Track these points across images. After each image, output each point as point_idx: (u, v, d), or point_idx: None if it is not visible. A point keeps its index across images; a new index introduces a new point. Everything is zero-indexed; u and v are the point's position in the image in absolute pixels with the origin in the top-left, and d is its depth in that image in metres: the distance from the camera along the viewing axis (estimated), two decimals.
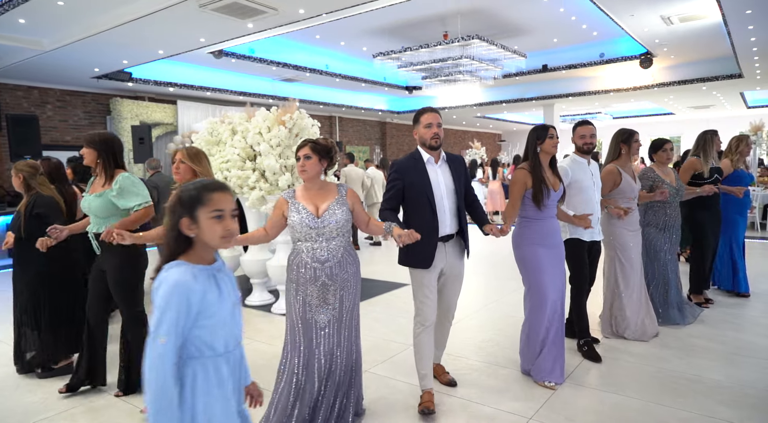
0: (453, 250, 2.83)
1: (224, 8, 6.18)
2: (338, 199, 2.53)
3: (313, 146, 2.54)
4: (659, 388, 2.97)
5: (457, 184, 2.80)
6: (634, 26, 8.77)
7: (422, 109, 2.83)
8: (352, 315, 2.57)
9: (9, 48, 7.65)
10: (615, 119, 20.37)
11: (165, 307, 1.33)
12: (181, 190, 1.47)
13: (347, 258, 2.54)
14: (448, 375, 3.13)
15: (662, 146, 4.13)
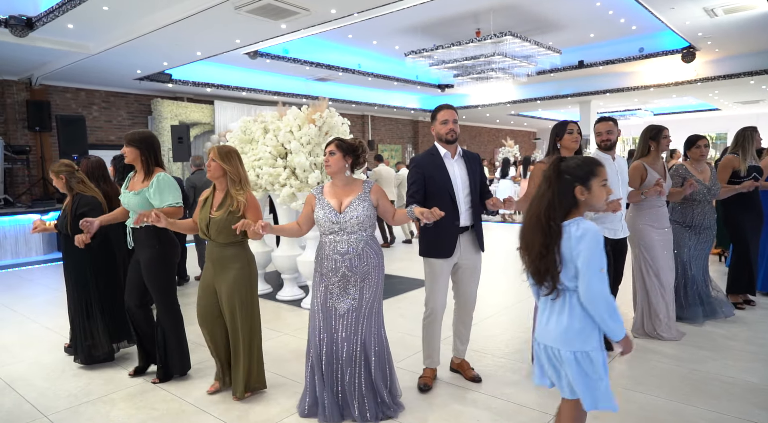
0: (467, 243, 2.93)
1: (258, 10, 6.34)
2: (361, 195, 2.65)
3: (339, 143, 2.69)
4: (690, 389, 2.89)
5: (472, 179, 2.92)
6: (675, 19, 8.47)
7: (439, 106, 2.94)
8: (372, 306, 2.64)
9: (59, 52, 8.09)
10: (656, 116, 19.69)
11: (597, 247, 1.72)
12: (568, 164, 1.81)
13: (368, 251, 2.64)
14: (472, 371, 3.14)
15: (696, 142, 4.03)
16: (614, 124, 3.44)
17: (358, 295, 2.62)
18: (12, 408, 2.89)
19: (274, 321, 4.51)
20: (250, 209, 2.80)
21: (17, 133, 9.74)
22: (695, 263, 4.02)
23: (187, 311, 4.30)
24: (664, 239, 3.73)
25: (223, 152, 2.84)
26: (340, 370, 2.61)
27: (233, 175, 2.83)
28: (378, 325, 2.68)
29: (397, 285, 5.68)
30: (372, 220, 2.67)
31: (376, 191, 2.70)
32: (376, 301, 2.67)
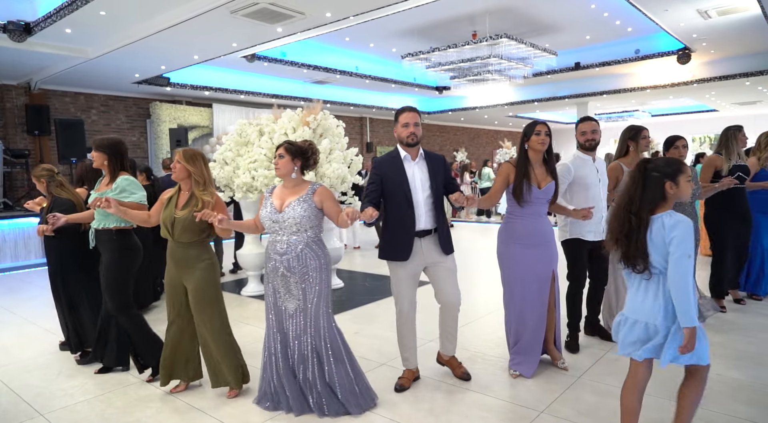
0: (431, 246, 2.92)
1: (254, 14, 6.40)
2: (303, 197, 2.68)
3: (287, 146, 2.74)
4: (676, 387, 2.92)
5: (434, 181, 2.89)
6: (669, 21, 8.53)
7: (401, 108, 2.93)
8: (318, 306, 2.68)
9: (58, 57, 8.15)
10: (654, 117, 19.74)
11: (688, 235, 1.93)
12: (656, 164, 2.03)
13: (307, 253, 2.67)
14: (461, 368, 3.17)
15: (674, 143, 3.95)
16: (598, 124, 3.42)
17: (301, 296, 2.68)
18: (8, 407, 2.93)
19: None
20: (218, 209, 2.86)
21: (17, 137, 9.80)
22: None
23: None
24: None
25: (188, 155, 2.92)
26: (295, 366, 2.72)
27: (197, 176, 2.90)
28: (327, 325, 2.71)
29: None
30: (314, 222, 2.70)
31: (321, 193, 2.72)
32: (322, 302, 2.70)
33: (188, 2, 6.20)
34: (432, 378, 3.17)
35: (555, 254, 3.12)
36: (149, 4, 6.26)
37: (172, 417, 2.77)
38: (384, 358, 3.52)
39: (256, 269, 5.59)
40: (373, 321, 4.46)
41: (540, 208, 3.03)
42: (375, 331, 4.17)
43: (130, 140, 11.81)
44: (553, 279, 3.12)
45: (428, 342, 3.82)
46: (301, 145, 2.79)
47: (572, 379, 3.07)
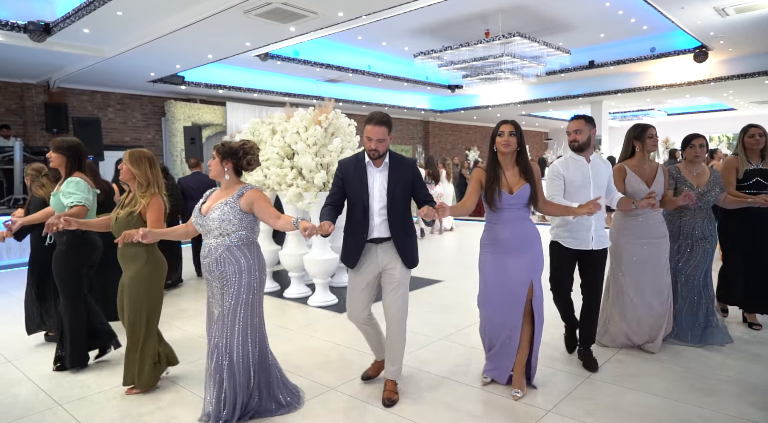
0: (386, 255, 2.78)
1: (267, 13, 6.47)
2: (228, 200, 2.60)
3: (218, 147, 2.67)
4: (686, 388, 2.92)
5: (395, 189, 2.74)
6: (685, 19, 8.43)
7: (369, 117, 2.73)
8: (236, 313, 2.59)
9: (76, 56, 8.31)
10: (670, 116, 19.47)
11: None
12: None
13: (228, 257, 2.58)
14: (389, 393, 2.84)
15: (690, 142, 3.59)
16: (586, 122, 3.14)
17: (221, 301, 2.62)
18: (29, 397, 3.02)
19: (280, 318, 4.61)
20: (150, 212, 2.91)
21: (36, 135, 10.01)
22: (688, 280, 3.58)
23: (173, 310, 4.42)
24: (644, 253, 3.35)
25: (134, 157, 2.97)
26: (215, 376, 2.61)
27: (140, 178, 2.97)
28: (243, 334, 2.61)
29: None
30: (238, 226, 2.59)
31: (249, 196, 2.60)
32: (240, 309, 2.60)
33: (203, 2, 6.29)
34: (437, 375, 3.19)
35: (535, 263, 2.84)
36: (165, 5, 6.36)
37: (186, 408, 2.83)
38: None
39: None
40: (381, 319, 4.48)
41: (516, 213, 2.81)
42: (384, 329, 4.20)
43: (145, 138, 11.99)
44: (531, 291, 2.83)
45: (438, 340, 3.85)
46: (232, 146, 2.67)
47: (580, 379, 3.07)
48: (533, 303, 2.84)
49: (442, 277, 5.96)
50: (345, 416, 2.71)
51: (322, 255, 4.93)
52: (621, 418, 2.60)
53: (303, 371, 3.32)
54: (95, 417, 2.76)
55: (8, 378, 3.33)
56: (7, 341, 4.08)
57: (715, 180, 3.59)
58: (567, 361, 3.36)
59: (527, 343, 2.88)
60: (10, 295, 5.78)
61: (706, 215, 3.60)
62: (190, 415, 2.74)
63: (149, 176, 2.97)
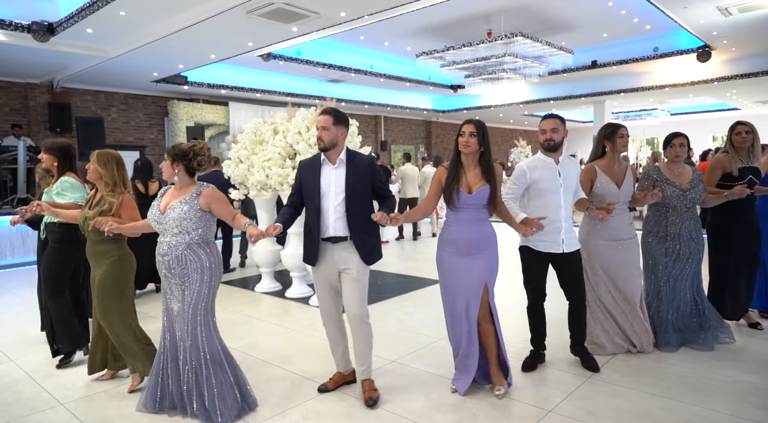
0: (344, 253, 2.77)
1: (270, 14, 6.48)
2: (186, 198, 2.66)
3: (169, 150, 2.75)
4: (688, 388, 2.91)
5: (352, 187, 2.73)
6: (688, 19, 8.40)
7: (321, 110, 2.82)
8: (196, 308, 2.65)
9: (79, 56, 8.34)
10: (673, 115, 19.43)
11: None
12: None
13: (188, 255, 2.65)
14: (370, 393, 2.83)
15: (671, 141, 3.49)
16: (561, 122, 3.06)
17: (181, 297, 2.67)
18: (31, 397, 3.04)
19: (282, 317, 4.61)
20: (124, 210, 3.00)
21: (39, 134, 10.05)
22: (677, 283, 3.48)
23: None
24: (616, 255, 3.30)
25: (102, 158, 3.06)
26: (183, 369, 2.68)
27: (107, 178, 3.05)
28: (205, 329, 2.67)
29: (408, 284, 5.75)
30: (198, 224, 2.66)
31: (208, 195, 2.67)
32: (201, 304, 2.66)
33: (205, 2, 6.30)
34: (438, 375, 3.19)
35: (490, 265, 2.81)
36: (167, 5, 6.37)
37: None
38: (394, 356, 3.56)
39: (269, 266, 5.67)
40: (382, 319, 4.50)
41: (474, 213, 2.78)
42: (384, 328, 4.21)
43: (148, 138, 12.03)
44: (486, 293, 2.80)
45: (439, 340, 3.85)
46: (182, 148, 2.73)
47: (582, 380, 3.07)
48: (490, 303, 2.84)
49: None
50: (347, 417, 2.72)
51: None
52: (622, 418, 2.60)
53: (305, 372, 3.32)
54: (96, 416, 2.77)
55: (11, 376, 3.35)
56: (10, 340, 4.10)
57: (698, 178, 3.50)
58: (568, 361, 3.36)
59: (494, 342, 2.87)
60: (14, 294, 5.81)
61: (692, 215, 3.50)
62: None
63: (116, 176, 3.07)
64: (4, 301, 5.45)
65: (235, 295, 5.56)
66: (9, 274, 7.03)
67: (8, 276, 6.87)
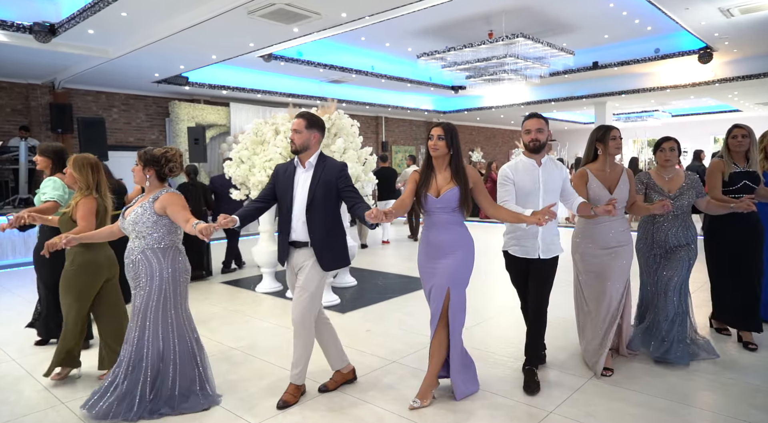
0: (301, 258, 2.79)
1: (271, 14, 6.48)
2: (144, 203, 2.74)
3: (141, 154, 2.81)
4: (690, 390, 2.91)
5: (316, 189, 2.73)
6: (690, 20, 8.39)
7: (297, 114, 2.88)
8: (146, 313, 2.70)
9: (80, 57, 8.35)
10: (674, 117, 19.40)
11: None
12: None
13: (142, 259, 2.70)
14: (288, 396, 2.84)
15: (660, 145, 3.37)
16: (545, 122, 2.96)
17: (134, 300, 2.75)
18: (32, 395, 3.04)
19: (282, 318, 4.61)
20: (79, 214, 3.09)
21: (41, 135, 10.06)
22: (664, 291, 3.29)
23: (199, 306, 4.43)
24: (607, 262, 3.14)
25: (77, 163, 3.17)
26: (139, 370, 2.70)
27: (81, 182, 3.19)
28: (153, 332, 2.70)
29: (409, 284, 5.76)
30: (152, 229, 2.71)
31: (164, 200, 2.70)
32: (150, 311, 2.70)
33: (207, 3, 6.30)
34: None
35: (457, 270, 2.73)
36: (169, 6, 6.37)
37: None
38: (395, 356, 3.56)
39: (270, 266, 5.67)
40: (383, 319, 4.50)
41: (445, 217, 2.73)
42: (385, 329, 4.21)
43: (149, 138, 12.03)
44: (448, 297, 2.73)
45: None
46: (154, 154, 2.79)
47: (583, 381, 3.06)
48: (449, 310, 2.73)
49: None
50: (347, 416, 2.71)
51: None
52: (623, 419, 2.59)
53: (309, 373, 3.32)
54: None
55: (13, 376, 3.35)
56: (11, 340, 4.11)
57: (690, 184, 3.34)
58: (569, 363, 3.35)
59: (436, 351, 2.77)
60: (14, 293, 5.81)
61: (681, 222, 3.34)
62: (198, 414, 2.75)
63: (89, 181, 3.18)
64: (5, 301, 5.45)
65: (237, 295, 5.56)
66: (10, 274, 7.04)
67: (9, 276, 6.88)
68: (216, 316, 4.71)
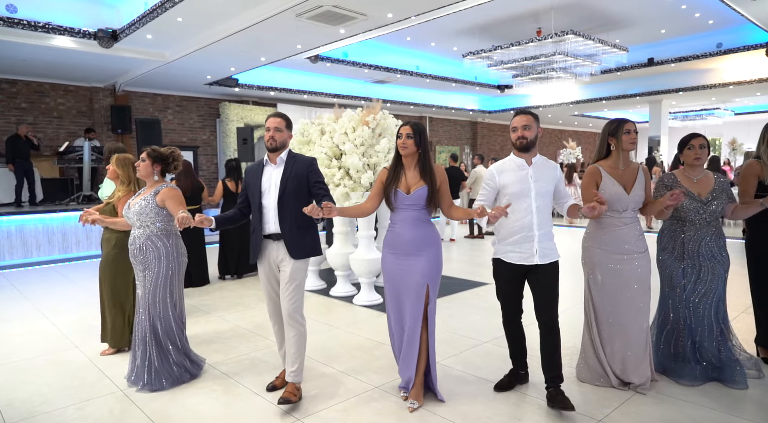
0: (276, 250, 2.86)
1: (318, 16, 6.59)
2: (147, 196, 3.09)
3: (149, 152, 3.16)
4: (757, 406, 2.73)
5: (287, 183, 2.80)
6: (757, 12, 7.88)
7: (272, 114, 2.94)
8: (155, 291, 3.09)
9: (139, 61, 8.79)
10: (737, 115, 18.28)
11: None
12: None
13: (148, 245, 3.09)
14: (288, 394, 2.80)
15: (688, 142, 3.03)
16: (534, 119, 2.82)
17: (143, 282, 3.11)
18: (94, 381, 3.23)
19: (326, 315, 4.68)
20: (120, 205, 3.51)
21: (102, 135, 10.66)
22: (697, 309, 3.00)
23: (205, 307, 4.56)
24: (622, 268, 2.91)
25: (120, 161, 3.60)
26: (140, 346, 3.09)
27: (123, 178, 3.61)
28: (164, 308, 3.10)
29: (450, 285, 5.70)
30: (155, 219, 3.07)
31: (164, 193, 3.07)
32: (159, 288, 3.09)
33: (257, 7, 6.49)
34: (479, 377, 3.14)
35: (431, 267, 2.76)
36: (221, 11, 6.60)
37: (234, 396, 2.93)
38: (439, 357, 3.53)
39: (314, 264, 5.75)
40: None
41: (414, 214, 2.76)
42: None
43: (201, 138, 12.51)
44: (426, 295, 2.75)
45: (484, 343, 3.79)
46: (162, 152, 3.17)
47: (631, 393, 2.94)
48: (428, 308, 2.78)
49: (486, 280, 5.88)
50: (390, 415, 2.72)
51: (367, 254, 4.98)
52: None
53: (348, 369, 3.36)
54: (152, 403, 2.91)
55: (76, 362, 3.57)
56: (75, 328, 4.37)
57: (720, 187, 2.99)
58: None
59: (424, 350, 2.80)
60: (78, 285, 6.18)
61: (714, 230, 3.01)
62: (242, 404, 2.84)
63: (131, 176, 3.59)
64: (70, 292, 5.81)
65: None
66: (74, 266, 7.50)
67: (74, 268, 7.33)
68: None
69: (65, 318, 4.70)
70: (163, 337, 3.11)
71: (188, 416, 2.74)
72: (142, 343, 3.08)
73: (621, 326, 2.94)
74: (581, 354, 3.15)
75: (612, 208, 2.90)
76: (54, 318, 4.70)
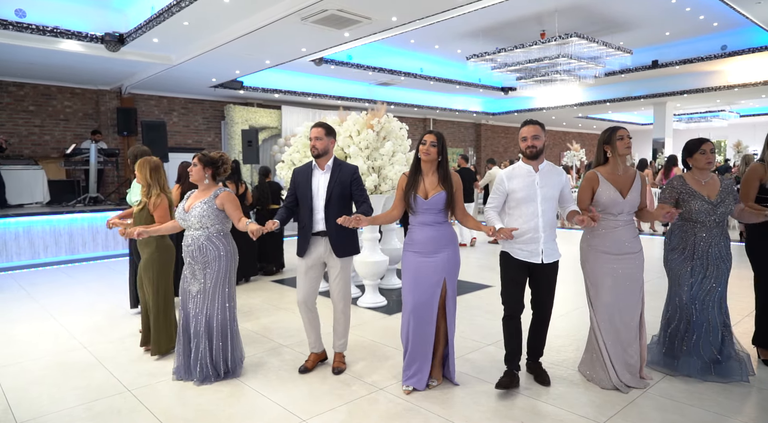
0: (323, 247, 3.24)
1: (323, 20, 6.63)
2: (206, 199, 3.22)
3: (200, 157, 3.27)
4: (757, 408, 2.74)
5: (330, 191, 3.18)
6: (762, 14, 7.88)
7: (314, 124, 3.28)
8: (215, 288, 3.23)
9: (145, 64, 8.86)
10: (742, 117, 18.22)
11: None
12: None
13: (208, 245, 3.21)
14: (338, 363, 3.39)
15: (700, 147, 3.11)
16: (543, 129, 3.00)
17: (203, 280, 3.22)
18: (102, 382, 3.27)
19: (330, 318, 4.69)
20: (159, 213, 3.62)
21: (108, 138, 10.75)
22: (703, 306, 3.08)
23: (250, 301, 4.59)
24: (620, 268, 3.01)
25: (138, 164, 3.67)
26: (194, 341, 3.22)
27: (141, 181, 3.70)
28: (222, 304, 3.24)
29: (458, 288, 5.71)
30: (214, 221, 3.21)
31: (223, 198, 3.22)
32: (219, 286, 3.23)
33: (262, 11, 6.54)
34: (481, 379, 3.16)
35: (449, 262, 2.99)
36: (227, 15, 6.65)
37: (243, 400, 2.97)
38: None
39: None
40: None
41: (432, 217, 2.99)
42: None
43: (206, 141, 12.58)
44: (444, 288, 2.99)
45: (487, 346, 3.81)
46: (212, 157, 3.30)
47: (637, 394, 2.95)
48: (446, 300, 3.02)
49: (490, 282, 5.89)
50: (392, 417, 2.75)
51: (371, 256, 5.00)
52: None
53: (354, 371, 3.38)
54: (160, 402, 2.95)
55: (84, 363, 3.61)
56: (82, 329, 4.42)
57: (726, 189, 3.09)
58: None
59: (443, 337, 3.08)
60: (86, 286, 6.23)
61: (721, 231, 3.11)
62: (248, 405, 2.87)
63: (148, 179, 3.67)
64: (77, 293, 5.86)
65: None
66: (81, 267, 7.56)
67: (80, 269, 7.39)
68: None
69: (72, 318, 4.75)
70: (218, 332, 3.23)
71: (195, 416, 2.78)
72: (195, 337, 3.22)
73: (618, 324, 3.05)
74: (586, 353, 3.25)
75: (609, 210, 3.03)
76: (61, 318, 4.75)
